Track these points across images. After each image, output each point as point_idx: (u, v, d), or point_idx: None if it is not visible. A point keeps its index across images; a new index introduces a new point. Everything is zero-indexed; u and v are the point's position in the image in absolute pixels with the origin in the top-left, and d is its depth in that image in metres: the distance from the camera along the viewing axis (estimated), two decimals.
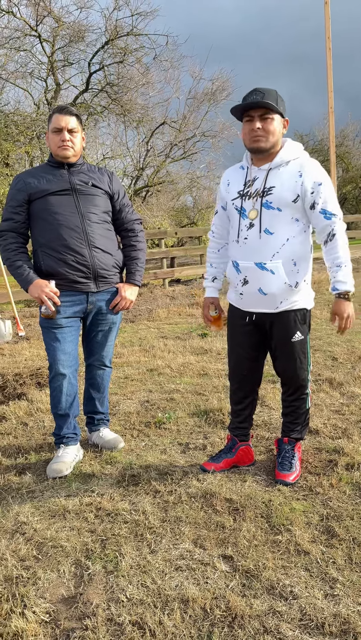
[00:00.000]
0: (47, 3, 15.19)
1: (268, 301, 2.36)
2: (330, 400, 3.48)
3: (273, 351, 2.49)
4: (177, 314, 7.17)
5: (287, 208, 2.27)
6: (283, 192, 2.26)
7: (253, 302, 2.40)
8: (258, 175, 2.33)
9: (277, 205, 2.27)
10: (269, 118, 2.24)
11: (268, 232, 2.29)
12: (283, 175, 2.27)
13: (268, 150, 2.28)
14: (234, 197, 2.40)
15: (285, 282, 2.32)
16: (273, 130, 2.25)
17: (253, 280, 2.35)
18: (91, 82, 16.85)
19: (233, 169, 2.49)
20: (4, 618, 1.71)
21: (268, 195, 2.28)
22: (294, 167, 2.28)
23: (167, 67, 17.60)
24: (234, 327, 2.55)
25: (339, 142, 25.41)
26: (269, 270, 2.31)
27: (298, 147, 2.36)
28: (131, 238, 2.85)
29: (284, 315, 2.39)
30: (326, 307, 6.66)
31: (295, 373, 2.47)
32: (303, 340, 2.45)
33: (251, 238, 2.33)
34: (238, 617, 1.67)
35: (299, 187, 2.25)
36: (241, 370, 2.57)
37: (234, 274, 2.42)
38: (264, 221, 2.29)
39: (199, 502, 2.32)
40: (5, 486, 2.57)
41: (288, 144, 2.34)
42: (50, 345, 2.67)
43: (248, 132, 2.27)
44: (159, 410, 3.46)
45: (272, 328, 2.43)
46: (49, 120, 2.66)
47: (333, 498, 2.30)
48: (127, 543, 2.06)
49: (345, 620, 1.64)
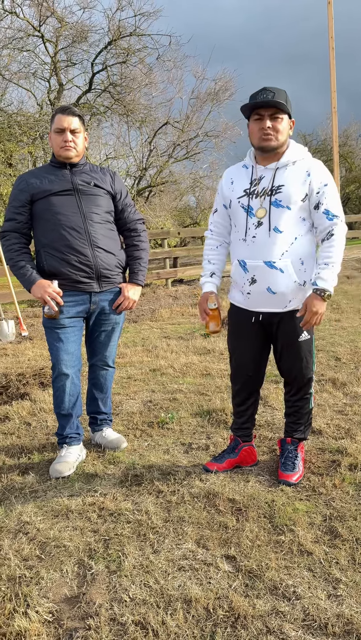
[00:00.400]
0: (50, 3, 15.22)
1: (276, 300, 2.36)
2: (333, 401, 3.48)
3: (279, 351, 2.49)
4: (180, 314, 7.17)
5: (296, 207, 2.28)
6: (292, 191, 2.27)
7: (261, 301, 2.39)
8: (265, 174, 2.33)
9: (286, 204, 2.28)
10: (279, 117, 2.25)
11: (277, 230, 2.29)
12: (291, 174, 2.28)
13: (275, 149, 2.29)
14: (240, 195, 2.39)
15: (295, 281, 2.32)
16: (282, 129, 2.26)
17: (262, 279, 2.34)
18: (93, 83, 16.87)
19: (235, 167, 2.49)
20: (7, 618, 1.71)
21: (277, 194, 2.28)
22: (302, 166, 2.29)
23: (170, 67, 17.62)
24: (238, 328, 2.54)
25: (342, 142, 25.37)
26: (279, 269, 2.31)
27: (303, 148, 2.38)
28: (133, 238, 2.85)
29: (292, 315, 2.39)
30: (330, 307, 6.65)
31: (301, 372, 2.47)
32: (309, 339, 2.44)
33: (260, 236, 2.32)
34: (241, 618, 1.67)
35: (308, 186, 2.26)
36: (245, 371, 2.56)
37: (241, 273, 2.40)
38: (273, 219, 2.29)
39: (202, 502, 2.32)
40: (8, 486, 2.57)
41: (292, 144, 2.35)
42: (53, 345, 2.67)
43: (258, 131, 2.27)
44: (162, 411, 3.46)
45: (278, 328, 2.43)
46: (51, 121, 2.66)
47: (336, 498, 2.30)
48: (130, 543, 2.06)
49: (348, 620, 1.63)
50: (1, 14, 14.69)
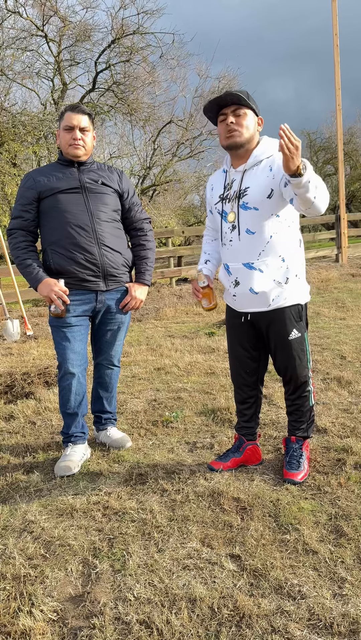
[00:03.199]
0: (53, 3, 15.23)
1: (259, 300, 2.37)
2: (338, 399, 3.46)
3: (272, 350, 2.50)
4: (185, 313, 7.16)
5: (264, 205, 2.27)
6: (257, 191, 2.27)
7: (246, 302, 2.41)
8: (235, 177, 2.35)
9: (253, 205, 2.28)
10: (242, 113, 2.26)
11: (249, 232, 2.31)
12: (257, 175, 2.28)
13: (243, 146, 2.29)
14: (216, 201, 2.45)
15: (274, 280, 2.33)
16: (246, 125, 2.26)
17: (244, 280, 2.37)
18: (97, 82, 16.87)
19: (216, 173, 2.54)
20: (11, 617, 1.71)
21: (243, 197, 2.30)
22: (266, 164, 2.28)
23: (174, 66, 17.59)
24: (232, 328, 2.57)
25: (346, 140, 25.23)
26: (258, 269, 2.33)
27: (274, 143, 2.33)
28: (140, 237, 2.85)
29: (279, 313, 2.39)
30: (334, 305, 6.63)
31: (295, 371, 2.47)
32: (301, 337, 2.44)
33: (235, 240, 2.35)
34: (246, 617, 1.66)
35: (271, 181, 2.24)
36: (242, 370, 2.57)
37: (226, 276, 2.45)
38: (244, 222, 2.31)
39: (207, 501, 2.31)
40: (13, 485, 2.58)
41: (263, 141, 2.34)
42: (59, 344, 2.67)
43: (223, 130, 2.30)
44: (166, 409, 3.46)
45: (268, 328, 2.44)
46: (60, 118, 2.66)
47: (341, 497, 2.29)
48: (134, 542, 2.06)
49: (354, 620, 1.63)
50: (4, 14, 14.71)
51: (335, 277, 9.15)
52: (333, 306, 6.61)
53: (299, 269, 2.41)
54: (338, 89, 11.10)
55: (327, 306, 6.61)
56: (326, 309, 6.40)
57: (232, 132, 2.26)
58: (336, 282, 8.77)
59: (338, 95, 11.16)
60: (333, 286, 8.29)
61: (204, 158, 19.85)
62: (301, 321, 2.44)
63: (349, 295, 7.45)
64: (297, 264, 2.39)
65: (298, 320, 2.43)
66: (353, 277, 9.21)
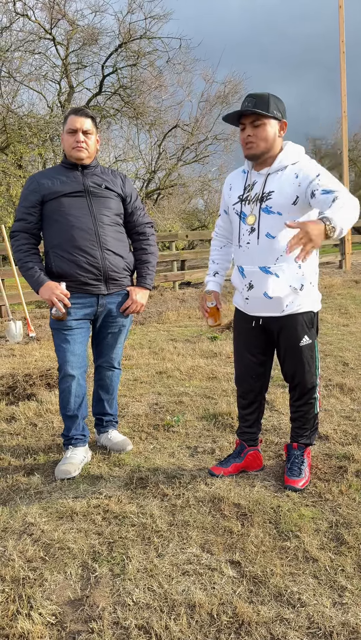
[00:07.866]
0: (62, 6, 15.33)
1: (273, 305, 2.35)
2: (340, 406, 3.45)
3: (282, 356, 2.48)
4: (187, 317, 7.16)
5: (288, 211, 2.25)
6: (282, 197, 2.25)
7: (259, 306, 2.39)
8: (258, 180, 2.33)
9: (277, 210, 2.26)
10: (261, 124, 2.23)
11: (269, 236, 2.29)
12: (282, 180, 2.26)
13: (260, 157, 2.28)
14: (235, 201, 2.41)
15: (290, 285, 2.31)
16: (264, 136, 2.24)
17: (258, 284, 2.34)
18: (104, 85, 16.96)
19: (235, 172, 2.50)
20: (10, 619, 1.71)
21: (267, 200, 2.28)
22: (292, 171, 2.25)
23: (180, 71, 17.68)
24: (241, 331, 2.54)
25: (352, 146, 25.29)
26: (274, 274, 2.31)
27: (298, 150, 2.33)
28: (142, 241, 2.85)
29: (291, 319, 2.38)
30: (337, 312, 6.63)
31: (303, 378, 2.46)
32: (311, 344, 2.43)
33: (253, 243, 2.33)
34: (245, 624, 1.65)
35: (297, 188, 2.23)
36: (248, 374, 2.56)
37: (240, 278, 2.42)
38: (264, 226, 2.29)
39: (207, 506, 2.31)
40: (13, 487, 2.58)
41: (288, 147, 2.32)
42: (60, 346, 2.67)
43: (242, 141, 2.30)
44: (167, 413, 3.45)
45: (280, 333, 2.42)
46: (64, 122, 2.67)
47: (342, 505, 2.28)
48: (134, 546, 2.06)
49: (354, 629, 1.61)
50: (13, 17, 14.81)
51: (338, 284, 9.14)
52: (336, 312, 6.60)
53: (314, 277, 2.40)
54: (344, 95, 11.13)
55: (330, 312, 6.59)
56: (329, 315, 6.39)
57: (248, 145, 2.26)
58: (339, 288, 8.76)
59: (344, 102, 11.19)
60: (336, 292, 8.28)
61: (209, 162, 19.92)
62: (313, 328, 2.43)
63: (352, 301, 7.44)
64: (312, 271, 2.38)
65: (310, 327, 2.42)
66: (357, 284, 9.20)
